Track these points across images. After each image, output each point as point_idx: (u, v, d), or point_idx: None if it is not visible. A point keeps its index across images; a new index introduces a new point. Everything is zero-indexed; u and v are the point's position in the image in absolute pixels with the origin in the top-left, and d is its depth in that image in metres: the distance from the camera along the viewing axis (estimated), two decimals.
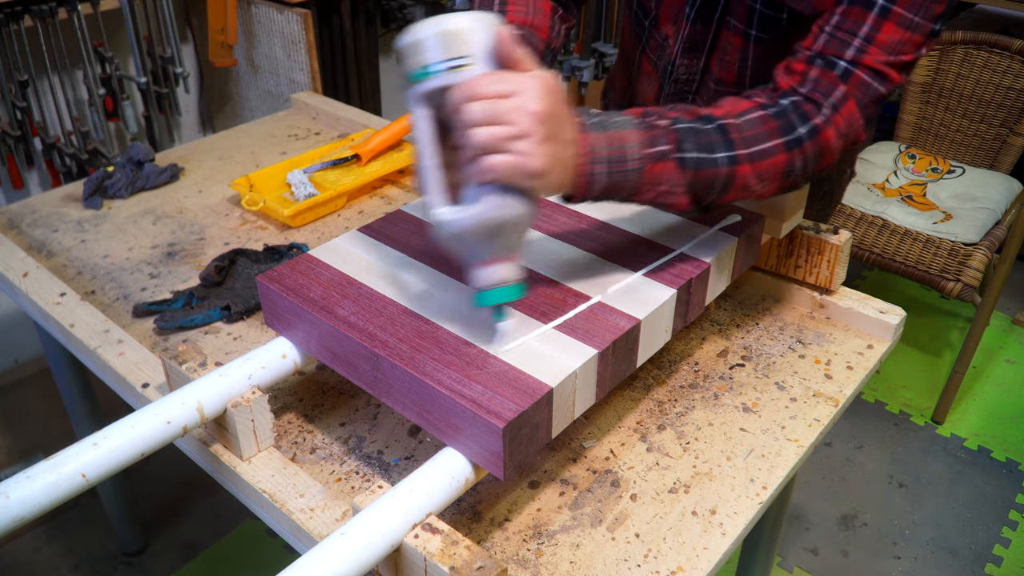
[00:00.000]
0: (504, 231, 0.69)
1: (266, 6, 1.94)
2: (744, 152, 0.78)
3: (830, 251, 0.99)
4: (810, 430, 0.88)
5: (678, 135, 0.76)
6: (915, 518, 1.89)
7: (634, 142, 0.74)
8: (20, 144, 1.77)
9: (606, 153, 0.72)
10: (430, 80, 0.68)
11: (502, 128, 0.65)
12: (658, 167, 0.75)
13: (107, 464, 0.71)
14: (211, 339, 1.01)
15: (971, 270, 1.89)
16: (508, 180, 0.67)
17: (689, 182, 0.77)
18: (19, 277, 1.10)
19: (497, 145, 0.66)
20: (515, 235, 0.71)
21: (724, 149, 0.77)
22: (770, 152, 0.79)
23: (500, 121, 0.65)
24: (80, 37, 1.75)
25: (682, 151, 0.76)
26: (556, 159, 0.68)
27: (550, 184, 0.69)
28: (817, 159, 0.82)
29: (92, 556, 1.76)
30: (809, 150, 0.80)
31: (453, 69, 0.67)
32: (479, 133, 0.66)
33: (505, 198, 0.68)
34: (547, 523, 0.78)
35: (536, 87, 0.66)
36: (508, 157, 0.66)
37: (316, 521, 0.76)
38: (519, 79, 0.66)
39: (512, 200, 0.68)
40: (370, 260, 0.87)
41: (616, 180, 0.74)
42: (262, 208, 1.26)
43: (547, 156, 0.67)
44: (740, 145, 0.78)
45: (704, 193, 0.79)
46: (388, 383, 0.76)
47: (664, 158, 0.75)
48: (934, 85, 2.25)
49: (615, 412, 0.90)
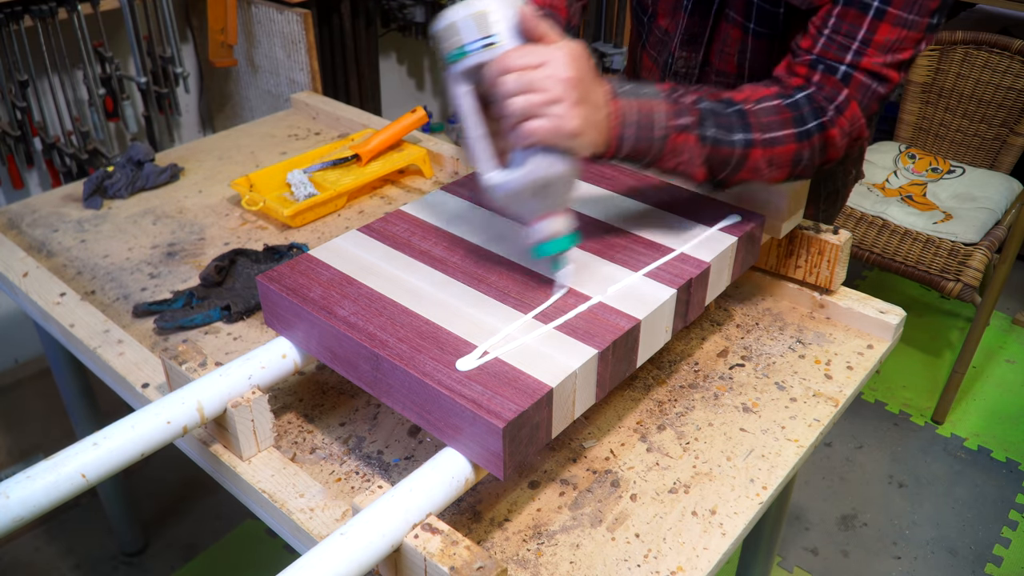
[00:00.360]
0: (550, 188, 0.76)
1: (266, 6, 1.94)
2: (759, 137, 0.83)
3: (830, 251, 0.99)
4: (810, 430, 0.88)
5: (701, 112, 0.81)
6: (915, 518, 1.89)
7: (661, 112, 0.79)
8: (20, 144, 1.77)
9: (635, 118, 0.78)
10: (467, 59, 0.75)
11: (537, 95, 0.71)
12: (681, 138, 0.80)
13: (107, 464, 0.71)
14: (211, 339, 1.01)
15: (971, 270, 1.89)
16: (548, 142, 0.73)
17: (707, 157, 0.82)
18: (19, 277, 1.10)
19: (534, 111, 0.72)
20: (561, 191, 0.77)
21: (741, 132, 0.82)
22: (782, 140, 0.84)
23: (534, 89, 0.71)
24: (80, 37, 1.75)
25: (703, 127, 0.81)
26: (589, 120, 0.74)
27: (586, 143, 0.75)
28: (823, 152, 0.87)
29: (92, 556, 1.77)
30: (816, 143, 0.85)
31: (486, 47, 0.74)
32: (516, 102, 0.72)
33: (548, 158, 0.74)
34: (547, 523, 0.78)
35: (564, 56, 0.72)
36: (545, 121, 0.72)
37: (316, 521, 0.76)
38: (547, 50, 0.72)
39: (554, 159, 0.74)
40: (370, 260, 0.87)
41: (642, 145, 0.79)
42: (262, 208, 1.26)
43: (581, 117, 0.73)
44: (756, 130, 0.83)
45: (719, 169, 0.84)
46: (388, 383, 0.76)
47: (687, 130, 0.80)
48: (934, 85, 2.25)
49: (615, 412, 0.90)
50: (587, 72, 0.74)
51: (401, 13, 2.35)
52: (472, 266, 0.86)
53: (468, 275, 0.85)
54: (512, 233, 0.92)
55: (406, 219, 0.95)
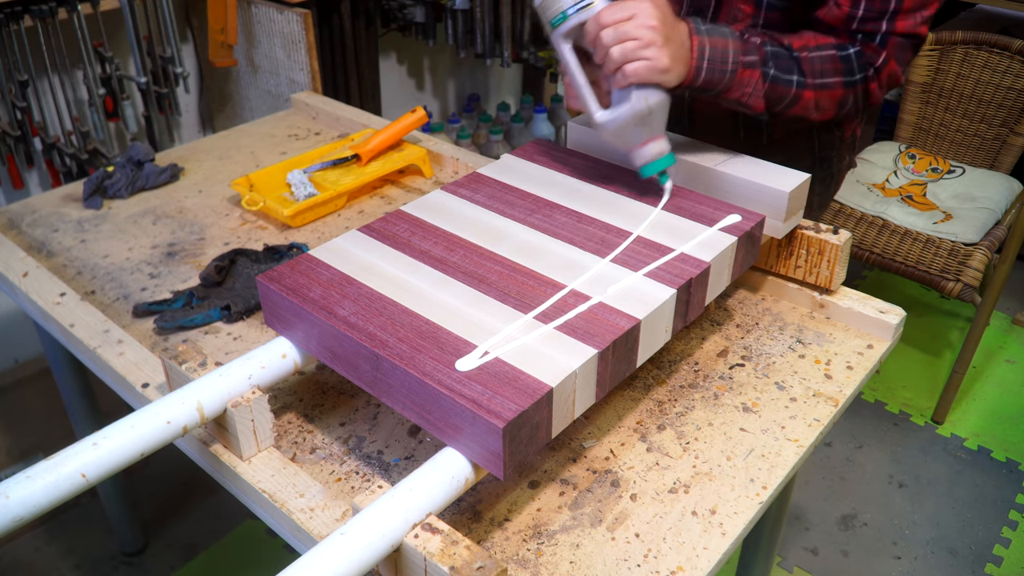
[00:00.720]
0: (649, 117, 0.91)
1: (266, 6, 1.94)
2: (812, 81, 0.98)
3: (830, 251, 0.99)
4: (810, 430, 0.88)
5: (766, 53, 0.96)
6: (915, 518, 1.89)
7: (733, 49, 0.93)
8: (20, 144, 1.76)
9: (710, 54, 0.92)
10: (568, 21, 0.91)
11: (632, 43, 0.86)
12: (747, 73, 0.95)
13: (107, 464, 0.71)
14: (211, 339, 1.01)
15: (971, 270, 1.89)
16: (646, 79, 0.88)
17: (767, 91, 0.97)
18: (19, 277, 1.10)
19: (631, 55, 0.87)
20: (659, 118, 0.92)
21: (797, 74, 0.97)
22: (831, 86, 0.99)
23: (628, 38, 0.86)
24: (80, 37, 1.75)
25: (766, 66, 0.96)
26: (676, 56, 0.89)
27: (677, 75, 0.90)
28: (865, 99, 1.03)
29: (92, 556, 1.77)
30: (860, 92, 1.01)
31: (583, 8, 0.90)
32: (616, 50, 0.87)
33: (645, 92, 0.90)
34: (547, 523, 0.78)
35: (647, 6, 0.86)
36: (641, 63, 0.87)
37: (316, 521, 0.76)
38: (633, 4, 0.87)
39: (650, 92, 0.90)
40: (370, 260, 0.87)
41: (715, 76, 0.93)
42: (262, 208, 1.26)
43: (670, 55, 0.87)
44: (810, 75, 0.98)
45: (775, 103, 0.98)
46: (388, 383, 0.76)
47: (753, 66, 0.95)
48: (934, 85, 2.25)
49: (615, 412, 0.90)
50: (669, 16, 0.88)
51: (401, 13, 2.35)
52: (472, 266, 0.86)
53: (468, 275, 0.85)
54: (512, 233, 0.92)
55: (406, 219, 0.95)
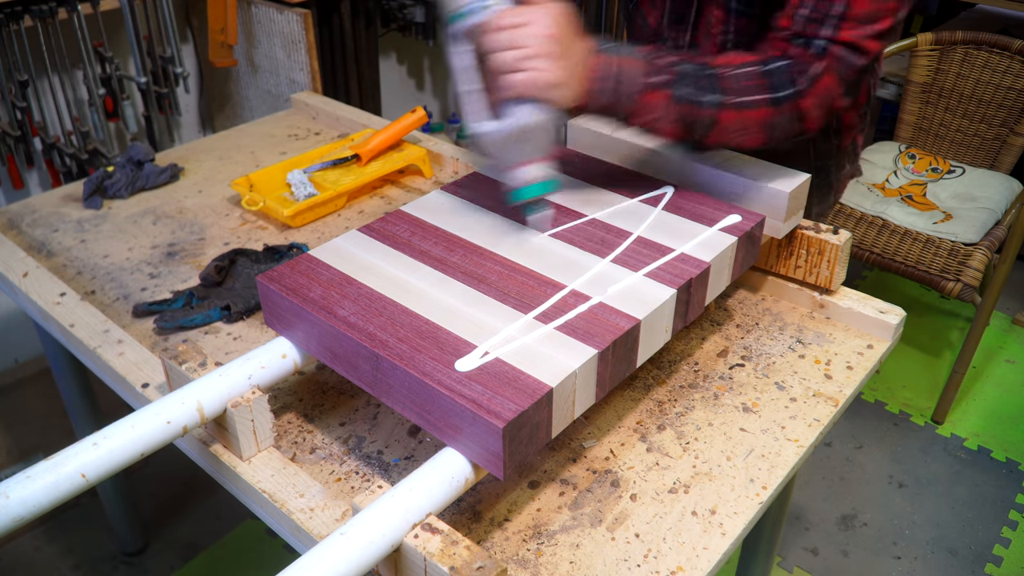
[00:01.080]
0: (531, 135, 0.84)
1: (266, 6, 1.94)
2: (731, 100, 0.88)
3: (830, 251, 0.99)
4: (810, 430, 0.88)
5: (676, 74, 0.87)
6: (915, 518, 1.89)
7: (637, 69, 0.86)
8: (20, 144, 1.77)
9: (611, 73, 0.85)
10: (467, 19, 0.84)
11: (519, 51, 0.80)
12: (653, 96, 0.86)
13: (107, 464, 0.71)
14: (211, 339, 1.01)
15: (971, 270, 1.89)
16: (528, 93, 0.81)
17: (678, 116, 0.87)
18: (19, 277, 1.10)
19: (516, 65, 0.80)
20: (542, 139, 0.85)
21: (713, 94, 0.87)
22: (754, 104, 0.89)
23: (517, 45, 0.80)
24: (80, 37, 1.75)
25: (676, 88, 0.87)
26: (567, 74, 0.81)
27: (564, 95, 0.82)
28: (798, 121, 0.91)
29: (92, 556, 1.77)
30: (789, 112, 0.90)
31: (484, 8, 0.83)
32: (500, 56, 0.81)
33: (529, 108, 0.83)
34: (547, 523, 0.78)
35: (546, 15, 0.80)
36: (528, 74, 0.80)
37: (316, 521, 0.76)
38: (531, 10, 0.81)
39: (534, 109, 0.83)
40: (370, 260, 0.87)
41: (616, 99, 0.86)
42: (262, 208, 1.26)
43: (559, 70, 0.81)
44: (728, 93, 0.88)
45: (691, 129, 0.89)
46: (388, 383, 0.76)
47: (659, 88, 0.86)
48: (934, 85, 2.25)
49: (615, 412, 0.90)
50: (568, 29, 0.81)
51: (401, 13, 2.35)
52: (472, 266, 0.86)
53: (468, 275, 0.85)
54: (512, 233, 0.92)
55: (406, 219, 0.95)
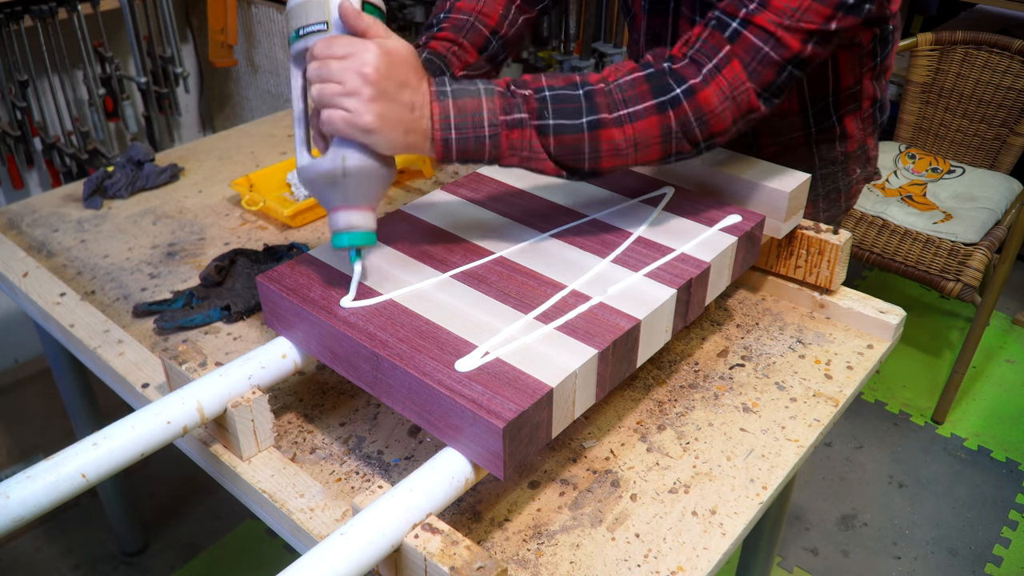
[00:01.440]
0: (347, 180, 0.76)
1: (266, 6, 1.94)
2: (609, 116, 0.79)
3: (830, 251, 0.99)
4: (810, 430, 0.88)
5: (538, 103, 0.78)
6: (915, 518, 1.89)
7: (489, 109, 0.77)
8: (20, 144, 1.77)
9: (457, 120, 0.76)
10: (299, 42, 0.76)
11: (334, 86, 0.72)
12: (515, 133, 0.78)
13: (107, 464, 0.71)
14: (211, 339, 1.01)
15: (971, 270, 1.89)
16: (341, 133, 0.73)
17: (552, 148, 0.79)
18: (19, 277, 1.10)
19: (330, 101, 0.72)
20: (360, 186, 0.76)
21: (588, 114, 0.78)
22: (641, 114, 0.79)
23: (332, 80, 0.72)
24: (80, 37, 1.75)
25: (541, 118, 0.78)
26: (390, 119, 0.73)
27: (387, 143, 0.74)
28: (700, 122, 0.80)
29: (92, 556, 1.77)
30: (688, 111, 0.80)
31: (316, 32, 0.75)
32: (315, 89, 0.73)
33: (347, 151, 0.74)
34: (547, 523, 0.78)
35: (372, 51, 0.72)
36: (337, 112, 0.72)
37: (316, 521, 0.76)
38: (358, 43, 0.72)
39: (353, 152, 0.74)
40: (370, 260, 0.87)
41: (471, 145, 0.77)
42: (262, 208, 1.26)
43: (376, 114, 0.72)
44: (605, 109, 0.79)
45: (571, 159, 0.80)
46: (388, 383, 0.76)
47: (521, 125, 0.78)
48: (934, 85, 2.25)
49: (615, 412, 0.90)
50: (396, 70, 0.73)
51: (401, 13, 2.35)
52: (472, 266, 0.86)
53: (468, 275, 0.85)
54: (512, 233, 0.92)
55: (406, 219, 0.95)
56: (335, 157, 0.75)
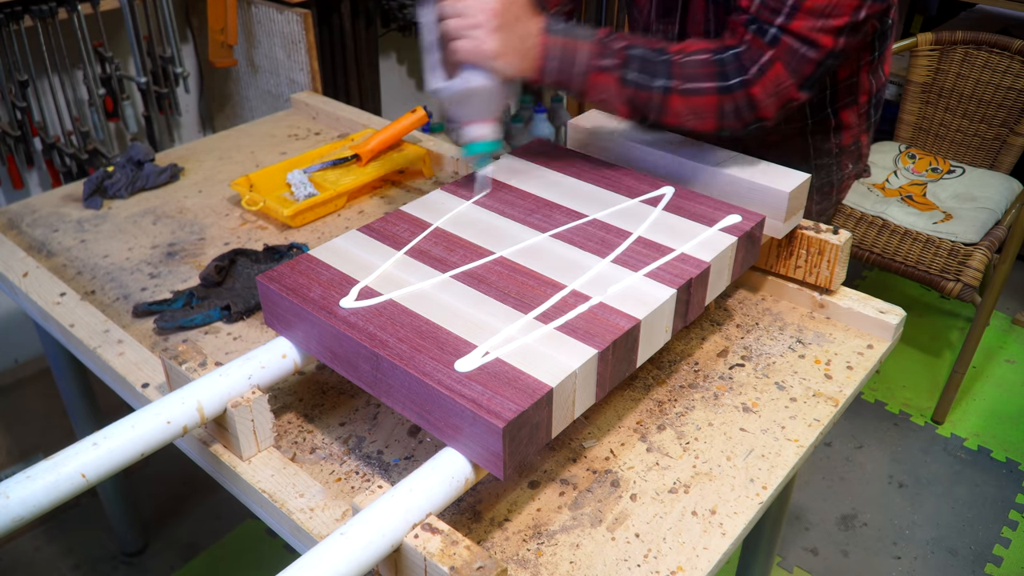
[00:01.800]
0: (475, 98, 0.91)
1: (266, 6, 1.94)
2: (679, 86, 0.92)
3: (830, 251, 0.99)
4: (810, 430, 0.88)
5: (627, 58, 0.91)
6: (915, 518, 1.89)
7: (586, 51, 0.91)
8: (20, 144, 1.76)
9: (559, 53, 0.90)
10: None
11: (462, 20, 0.86)
12: (601, 77, 0.91)
13: (107, 464, 0.71)
14: (211, 339, 1.01)
15: (971, 270, 1.89)
16: (469, 60, 0.88)
17: (628, 97, 0.93)
18: (19, 277, 1.10)
19: (458, 32, 0.87)
20: (486, 102, 0.92)
21: (663, 79, 0.91)
22: (702, 91, 0.92)
23: (461, 14, 0.86)
24: (80, 37, 1.75)
25: (625, 71, 0.91)
26: (509, 46, 0.87)
27: (508, 66, 0.88)
28: (750, 109, 0.93)
29: (92, 556, 1.77)
30: (740, 99, 0.92)
31: None
32: (447, 24, 0.87)
33: (473, 73, 0.89)
34: (547, 523, 0.78)
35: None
36: (466, 42, 0.87)
37: (316, 521, 0.76)
38: None
39: (477, 75, 0.89)
40: (370, 260, 0.87)
41: (564, 77, 0.91)
42: (262, 208, 1.26)
43: (498, 42, 0.86)
44: (677, 79, 0.92)
45: (641, 110, 0.94)
46: (388, 383, 0.76)
47: (607, 71, 0.91)
48: (934, 85, 2.25)
49: (615, 412, 0.90)
50: (514, 7, 0.87)
51: (401, 13, 2.35)
52: (472, 266, 0.86)
53: (468, 275, 0.85)
54: (512, 233, 0.92)
55: (406, 219, 0.95)
56: (463, 79, 0.89)
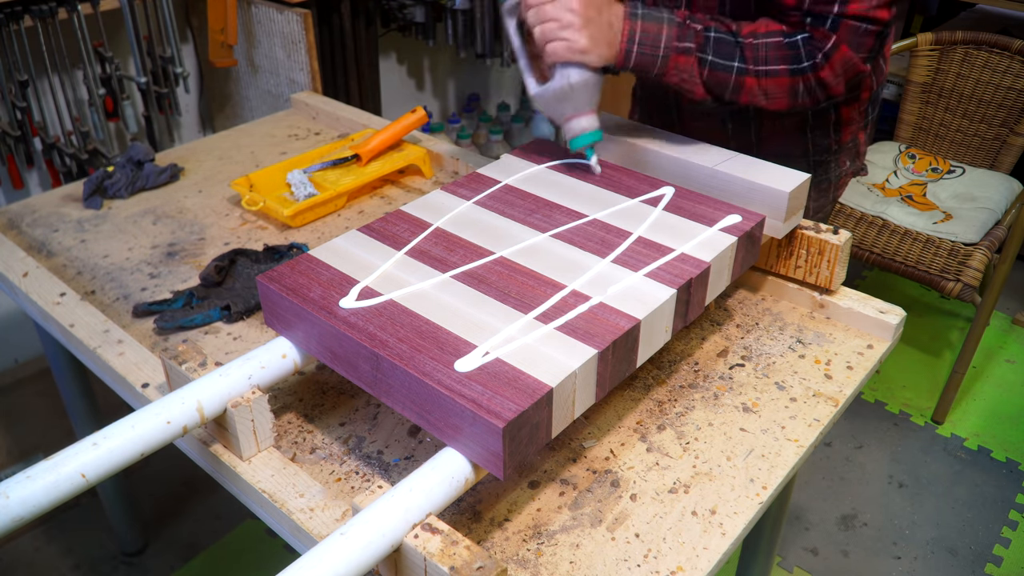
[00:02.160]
0: (573, 94, 0.96)
1: (266, 6, 1.94)
2: (753, 68, 0.96)
3: (830, 251, 0.99)
4: (810, 430, 0.88)
5: (705, 39, 0.95)
6: (915, 518, 1.89)
7: (667, 34, 0.95)
8: (20, 144, 1.76)
9: (641, 37, 0.94)
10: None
11: (551, 24, 0.92)
12: (682, 59, 0.96)
13: (107, 464, 0.71)
14: (211, 339, 1.01)
15: (971, 270, 1.89)
16: (565, 59, 0.93)
17: (705, 78, 0.97)
18: (19, 277, 1.10)
19: (550, 35, 0.92)
20: (584, 95, 0.96)
21: (738, 61, 0.96)
22: (776, 73, 0.96)
23: (548, 19, 0.92)
24: (80, 37, 1.75)
25: (704, 52, 0.96)
26: (598, 38, 0.92)
27: (599, 56, 0.93)
28: (821, 88, 0.98)
29: (92, 556, 1.77)
30: (811, 80, 0.97)
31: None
32: (537, 31, 0.93)
33: (569, 70, 0.94)
34: (547, 523, 0.78)
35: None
36: (559, 43, 0.92)
37: (316, 521, 0.76)
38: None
39: (573, 71, 0.94)
40: (370, 260, 0.87)
41: (646, 60, 0.95)
42: (262, 208, 1.26)
43: (589, 37, 0.91)
44: (751, 62, 0.96)
45: (717, 90, 0.98)
46: (388, 383, 0.76)
47: (688, 53, 0.95)
48: (934, 85, 2.25)
49: (615, 412, 0.90)
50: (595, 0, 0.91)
51: (401, 13, 2.34)
52: (472, 266, 0.86)
53: (468, 275, 0.85)
54: (512, 233, 0.92)
55: (406, 219, 0.95)
56: (560, 77, 0.94)
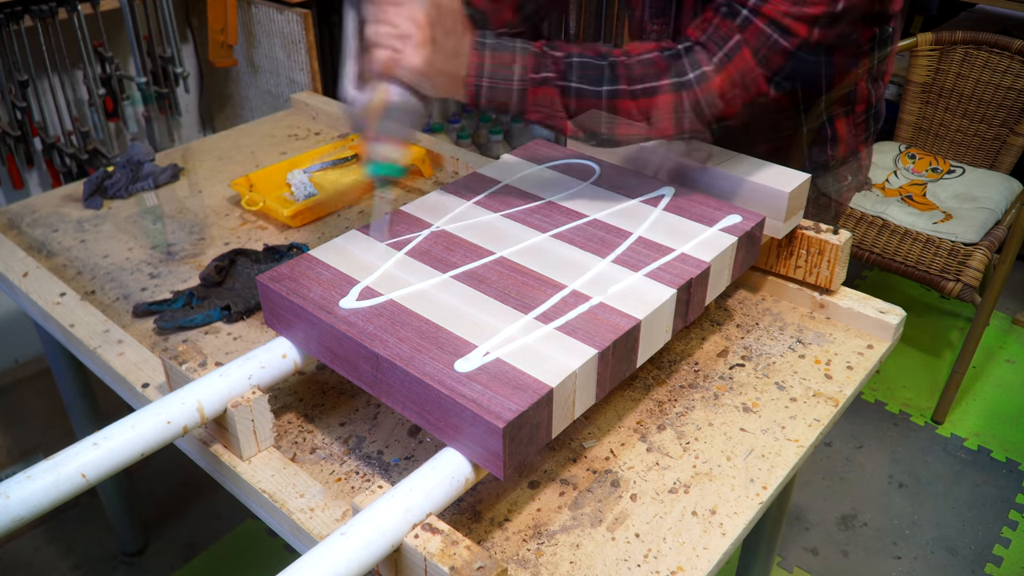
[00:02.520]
0: (388, 116, 0.80)
1: (266, 6, 1.94)
2: (628, 87, 0.85)
3: (830, 251, 0.99)
4: (810, 430, 0.88)
5: (565, 66, 0.85)
6: (915, 518, 1.89)
7: (521, 65, 0.83)
8: (20, 144, 1.77)
9: (490, 70, 0.83)
10: None
11: (386, 27, 0.77)
12: (541, 91, 0.84)
13: (107, 464, 0.71)
14: (211, 339, 1.01)
15: (971, 270, 1.89)
16: (388, 72, 0.78)
17: (572, 109, 0.86)
18: (19, 277, 1.10)
19: (380, 41, 0.78)
20: (401, 122, 0.81)
21: (608, 83, 0.85)
22: (655, 91, 0.85)
23: (386, 22, 0.77)
24: (80, 37, 1.75)
25: (566, 80, 0.84)
26: (439, 66, 0.79)
27: (434, 85, 0.80)
28: (711, 105, 0.86)
29: (92, 556, 1.76)
30: (699, 95, 0.85)
31: None
32: (369, 29, 0.78)
33: (389, 88, 0.79)
34: (547, 523, 0.78)
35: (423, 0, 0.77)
36: (388, 53, 0.77)
37: (316, 521, 0.76)
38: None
39: (396, 90, 0.80)
40: (370, 260, 0.87)
41: (500, 95, 0.84)
42: (262, 208, 1.26)
43: (424, 58, 0.77)
44: (624, 81, 0.85)
45: (588, 123, 0.87)
46: (388, 383, 0.76)
47: (546, 83, 0.84)
48: (934, 85, 2.25)
49: (615, 412, 0.90)
50: (445, 20, 0.79)
51: None
52: (472, 266, 0.86)
53: (468, 275, 0.85)
54: (512, 233, 0.92)
55: (406, 219, 0.95)
56: (378, 92, 0.80)
